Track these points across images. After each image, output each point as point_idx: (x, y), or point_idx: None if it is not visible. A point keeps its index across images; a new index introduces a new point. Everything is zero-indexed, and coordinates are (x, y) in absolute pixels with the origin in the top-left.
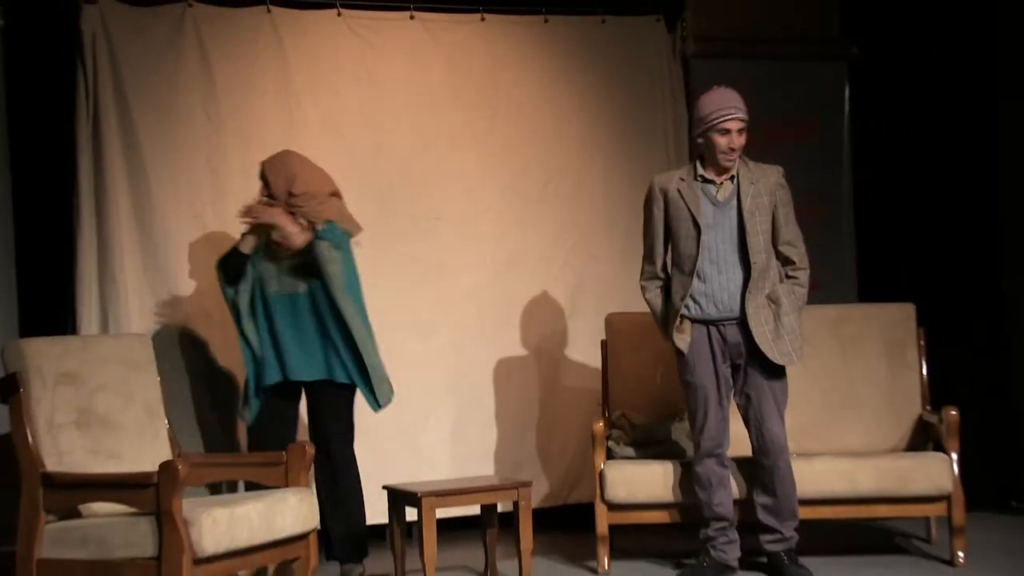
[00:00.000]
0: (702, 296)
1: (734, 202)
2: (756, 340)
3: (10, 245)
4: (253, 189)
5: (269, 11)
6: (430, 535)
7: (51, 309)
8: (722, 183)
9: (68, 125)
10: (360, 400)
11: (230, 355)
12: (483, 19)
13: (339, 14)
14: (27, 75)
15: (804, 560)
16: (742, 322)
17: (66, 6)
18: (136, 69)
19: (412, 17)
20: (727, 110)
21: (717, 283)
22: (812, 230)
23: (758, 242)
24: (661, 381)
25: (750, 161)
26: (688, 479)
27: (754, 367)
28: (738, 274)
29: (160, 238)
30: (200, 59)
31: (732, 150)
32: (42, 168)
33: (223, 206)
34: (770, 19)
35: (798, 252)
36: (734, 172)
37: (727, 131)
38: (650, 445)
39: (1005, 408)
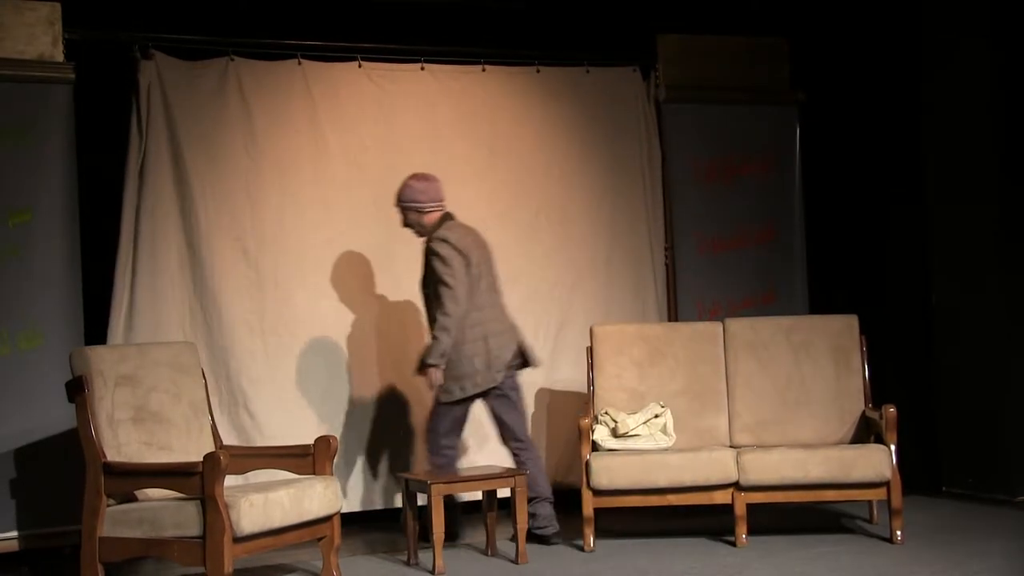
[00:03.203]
0: None
1: None
2: None
3: (77, 264)
4: (287, 216)
5: (300, 64)
6: (438, 517)
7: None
8: None
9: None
10: (379, 394)
11: (264, 358)
12: (484, 69)
13: (360, 66)
14: (93, 124)
15: (764, 539)
16: None
17: (126, 62)
18: (186, 113)
19: (423, 68)
20: None
21: None
22: (768, 251)
23: (423, 296)
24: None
25: (438, 230)
26: (659, 467)
27: None
28: None
29: (206, 258)
30: (241, 105)
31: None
32: (105, 199)
33: (261, 231)
34: (731, 70)
35: (438, 305)
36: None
37: None
38: (627, 438)
39: (935, 406)
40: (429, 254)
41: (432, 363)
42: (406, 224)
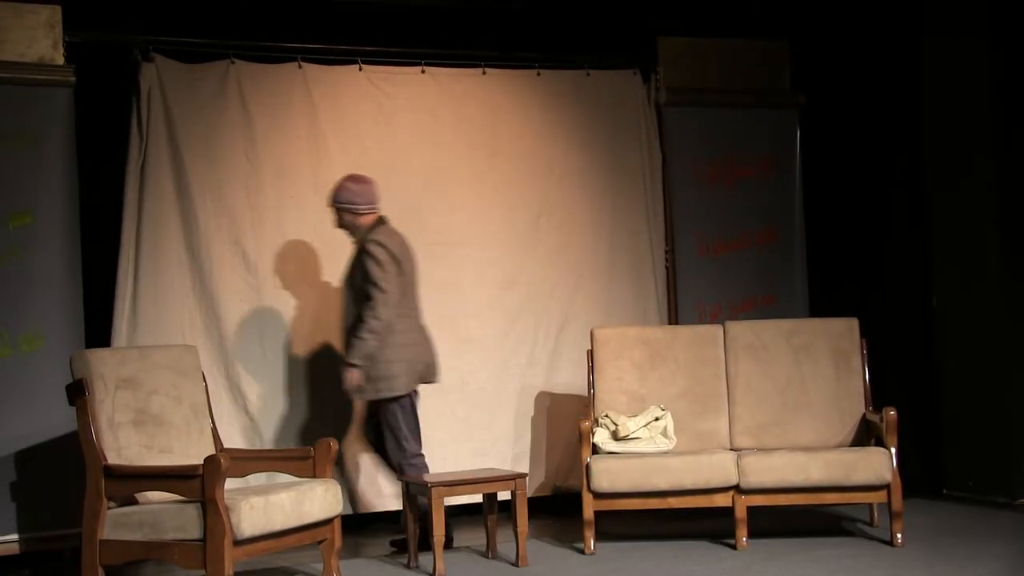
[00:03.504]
0: None
1: None
2: None
3: (77, 266)
4: (287, 221)
5: (300, 67)
6: (439, 520)
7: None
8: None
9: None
10: None
11: (263, 362)
12: (484, 72)
13: (360, 69)
14: (93, 126)
15: (765, 542)
16: None
17: (126, 65)
18: (186, 116)
19: (423, 71)
20: None
21: None
22: (769, 252)
23: (346, 296)
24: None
25: (373, 232)
26: (660, 470)
27: None
28: None
29: (205, 262)
30: (241, 108)
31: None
32: (105, 201)
33: (260, 236)
34: (731, 73)
35: (366, 307)
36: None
37: None
38: (628, 441)
39: (936, 408)
40: (363, 255)
41: (355, 363)
42: (340, 225)
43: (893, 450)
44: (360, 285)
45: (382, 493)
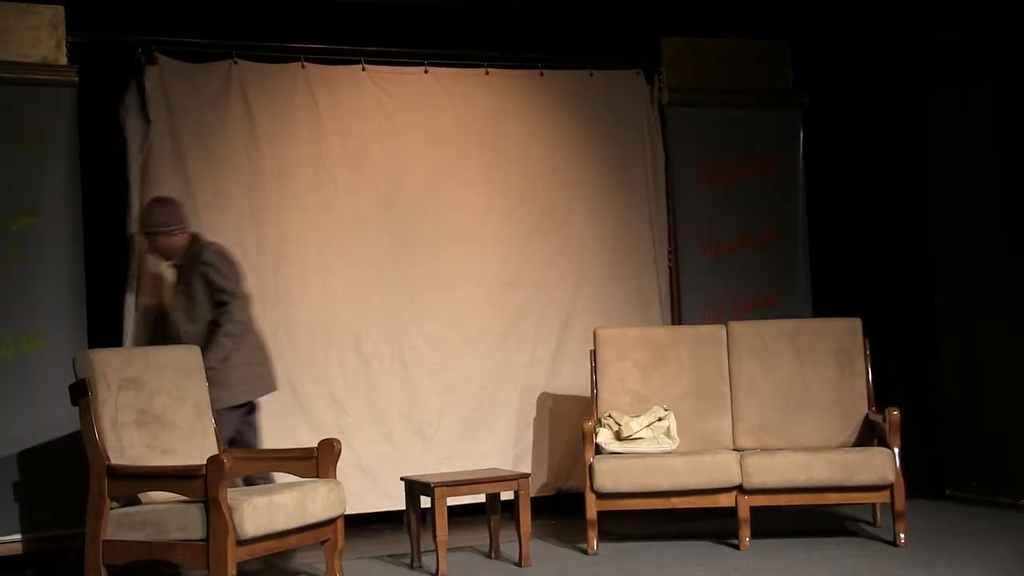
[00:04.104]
0: None
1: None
2: None
3: (80, 267)
4: (287, 221)
5: (303, 67)
6: (442, 520)
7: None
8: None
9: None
10: (379, 398)
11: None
12: (487, 73)
13: (363, 69)
14: (96, 126)
15: (768, 542)
16: None
17: (129, 64)
18: (189, 116)
19: (426, 71)
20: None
21: None
22: (771, 253)
23: (177, 317)
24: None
25: (202, 245)
26: (663, 470)
27: None
28: None
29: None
30: (243, 108)
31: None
32: (108, 203)
33: (261, 236)
34: (734, 73)
35: (222, 312)
36: (177, 261)
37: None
38: (631, 441)
39: (938, 409)
40: (198, 268)
41: (211, 366)
42: (153, 250)
43: (896, 450)
44: (204, 297)
45: (384, 493)
